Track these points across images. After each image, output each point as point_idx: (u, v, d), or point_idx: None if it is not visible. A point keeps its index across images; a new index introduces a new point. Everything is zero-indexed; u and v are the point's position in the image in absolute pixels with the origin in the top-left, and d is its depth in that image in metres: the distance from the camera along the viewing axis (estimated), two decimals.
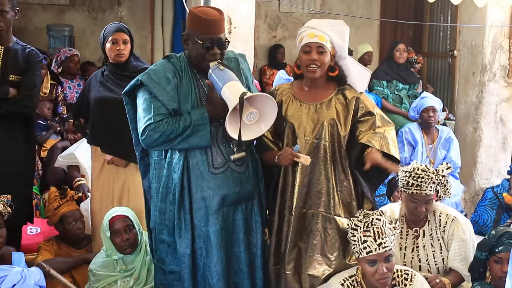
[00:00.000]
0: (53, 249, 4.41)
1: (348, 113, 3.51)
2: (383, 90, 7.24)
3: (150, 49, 9.01)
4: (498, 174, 6.41)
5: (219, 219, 3.43)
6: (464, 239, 3.80)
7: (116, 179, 4.51)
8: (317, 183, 3.50)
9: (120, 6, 9.34)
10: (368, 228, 3.21)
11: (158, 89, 3.36)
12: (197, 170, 3.39)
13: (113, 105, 4.31)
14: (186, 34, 3.43)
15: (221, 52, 3.41)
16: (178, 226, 3.45)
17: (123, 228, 4.04)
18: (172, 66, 3.44)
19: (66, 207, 4.50)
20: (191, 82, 3.43)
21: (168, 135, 3.31)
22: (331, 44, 3.46)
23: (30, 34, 8.91)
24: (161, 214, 3.51)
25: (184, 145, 3.36)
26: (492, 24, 6.20)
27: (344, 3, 9.91)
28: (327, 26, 3.48)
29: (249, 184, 3.50)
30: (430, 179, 3.75)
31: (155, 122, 3.32)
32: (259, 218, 3.57)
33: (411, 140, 6.14)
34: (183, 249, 3.45)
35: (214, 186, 3.39)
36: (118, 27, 4.43)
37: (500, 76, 6.35)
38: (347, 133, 3.51)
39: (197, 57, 3.41)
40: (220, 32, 3.38)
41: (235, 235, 3.51)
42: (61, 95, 7.01)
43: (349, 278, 3.34)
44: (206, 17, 3.34)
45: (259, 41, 9.41)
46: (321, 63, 3.45)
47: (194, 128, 3.31)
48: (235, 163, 3.44)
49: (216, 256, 3.43)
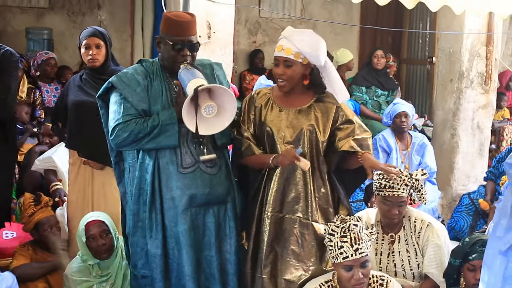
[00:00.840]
0: (29, 254, 4.37)
1: (327, 120, 3.53)
2: (362, 96, 7.27)
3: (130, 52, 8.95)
4: (475, 180, 6.45)
5: (187, 219, 3.44)
6: (439, 245, 3.83)
7: (93, 183, 4.48)
8: (295, 188, 3.51)
9: (100, 9, 9.31)
10: (345, 234, 3.22)
11: (128, 91, 3.42)
12: (166, 170, 3.43)
13: (91, 109, 4.28)
14: (159, 37, 3.51)
15: (192, 54, 3.47)
16: (149, 227, 3.47)
17: (99, 233, 4.02)
18: (143, 69, 3.52)
19: (41, 214, 4.45)
20: (162, 85, 3.49)
21: (136, 134, 3.36)
22: (301, 54, 3.44)
23: (9, 37, 8.83)
24: (135, 216, 3.53)
25: (152, 145, 3.40)
26: (470, 32, 6.26)
27: (324, 9, 9.94)
28: (296, 37, 3.45)
29: (221, 187, 3.51)
30: (402, 181, 3.78)
31: (124, 122, 3.37)
32: (233, 223, 3.57)
33: (385, 147, 6.18)
34: (154, 250, 3.48)
35: (182, 185, 3.42)
36: (91, 31, 4.40)
37: (477, 83, 6.40)
38: (325, 140, 3.53)
39: (168, 59, 3.48)
40: (191, 34, 3.46)
41: (207, 239, 3.52)
42: (39, 98, 6.95)
43: (325, 284, 3.35)
44: (177, 19, 3.43)
45: (239, 46, 9.41)
46: (288, 77, 3.47)
47: (162, 127, 3.36)
48: (206, 164, 3.46)
49: (185, 256, 3.45)
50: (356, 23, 9.94)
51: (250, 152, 3.57)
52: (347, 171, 3.59)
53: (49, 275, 4.27)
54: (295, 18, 9.63)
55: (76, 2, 9.25)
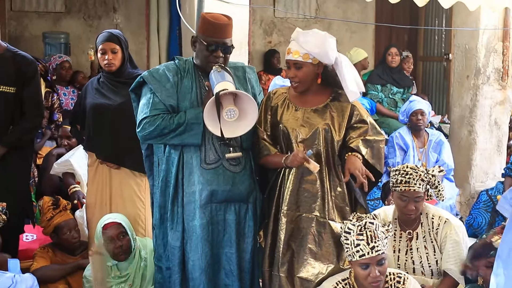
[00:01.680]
0: (49, 256, 4.42)
1: (343, 119, 3.54)
2: (378, 94, 7.26)
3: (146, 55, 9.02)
4: (493, 176, 6.41)
5: (206, 214, 3.52)
6: (457, 241, 3.81)
7: (110, 184, 4.51)
8: (312, 187, 3.51)
9: (116, 13, 9.37)
10: (361, 232, 3.22)
11: (158, 86, 3.53)
12: (190, 164, 3.53)
13: (108, 112, 4.35)
14: (194, 36, 3.60)
15: (225, 56, 3.54)
16: (171, 219, 3.57)
17: (116, 235, 4.05)
18: (175, 67, 3.61)
19: (60, 218, 4.48)
20: (192, 82, 3.57)
21: (161, 129, 3.46)
22: (310, 55, 3.44)
23: (26, 42, 8.93)
24: (161, 208, 3.64)
25: (177, 141, 3.50)
26: (486, 28, 6.23)
27: (339, 8, 9.93)
28: (302, 38, 3.47)
29: (243, 185, 3.56)
30: (418, 176, 3.78)
31: (151, 116, 3.49)
32: (252, 223, 3.62)
33: (402, 145, 6.16)
34: (174, 242, 3.57)
35: (203, 181, 3.50)
36: (106, 36, 4.41)
37: (494, 79, 6.37)
38: (341, 139, 3.54)
39: (202, 59, 3.56)
40: (226, 37, 3.53)
41: (227, 236, 3.58)
42: (57, 102, 7.00)
43: (342, 282, 3.35)
44: (213, 21, 3.50)
45: (254, 46, 9.43)
46: (300, 79, 3.50)
47: (187, 126, 3.46)
48: (229, 162, 3.53)
49: (200, 250, 3.51)
50: (371, 21, 9.91)
51: (266, 152, 3.59)
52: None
53: (69, 277, 4.31)
54: (310, 17, 9.63)
55: (92, 6, 9.32)
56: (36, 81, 4.45)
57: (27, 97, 4.38)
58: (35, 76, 4.43)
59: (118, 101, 4.35)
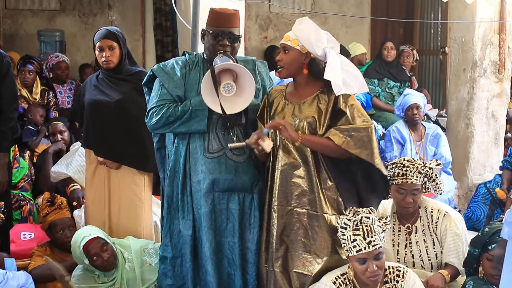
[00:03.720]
0: (46, 254, 4.37)
1: (327, 112, 3.50)
2: (375, 89, 7.24)
3: (142, 52, 9.03)
4: (491, 169, 6.41)
5: (209, 202, 3.58)
6: (458, 234, 3.82)
7: (109, 183, 4.49)
8: (301, 181, 3.50)
9: (111, 10, 9.35)
10: (357, 227, 3.22)
11: (166, 78, 3.63)
12: (195, 154, 3.60)
13: (107, 109, 4.34)
14: (203, 29, 3.68)
15: (232, 45, 3.61)
16: (181, 208, 3.65)
17: (99, 249, 3.92)
18: (184, 60, 3.72)
19: (54, 215, 4.47)
20: (200, 74, 3.64)
21: (167, 117, 3.54)
22: (299, 42, 3.47)
23: (21, 40, 8.93)
24: (169, 198, 3.71)
25: (183, 129, 3.58)
26: (482, 20, 6.21)
27: (334, 2, 9.92)
28: (296, 25, 3.52)
29: (246, 175, 3.60)
30: (415, 168, 3.79)
31: (158, 106, 3.59)
32: (258, 213, 3.64)
33: (399, 138, 6.15)
34: (186, 230, 3.64)
35: (206, 169, 3.56)
36: (103, 33, 4.39)
37: (491, 71, 6.36)
38: (323, 132, 3.48)
39: (209, 49, 3.64)
40: (232, 26, 3.62)
41: (230, 225, 3.62)
42: (53, 100, 6.99)
43: (341, 276, 3.35)
44: (220, 11, 3.62)
45: (250, 42, 9.42)
46: (284, 63, 3.52)
47: (192, 112, 3.53)
48: (233, 151, 3.58)
49: (204, 238, 3.58)
50: (366, 15, 9.91)
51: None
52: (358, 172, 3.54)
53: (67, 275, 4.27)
54: (305, 12, 9.61)
55: (87, 3, 9.30)
56: (11, 75, 4.41)
57: (4, 92, 4.33)
58: (9, 71, 4.38)
59: (116, 97, 4.34)
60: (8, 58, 4.42)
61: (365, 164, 3.47)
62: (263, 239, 3.59)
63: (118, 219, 4.46)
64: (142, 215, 4.45)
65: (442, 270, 3.77)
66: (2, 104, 4.32)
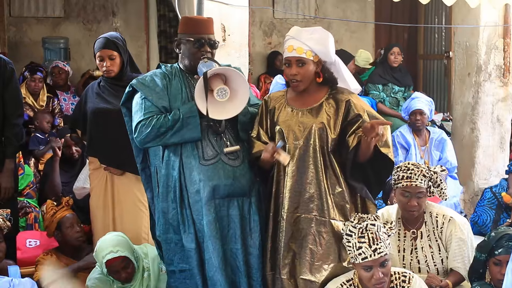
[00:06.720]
0: (52, 261, 4.38)
1: (338, 117, 3.49)
2: (379, 94, 7.23)
3: (146, 58, 9.03)
4: (497, 174, 6.38)
5: (211, 210, 3.49)
6: (463, 239, 3.81)
7: (113, 189, 4.50)
8: (309, 187, 3.48)
9: (115, 16, 9.36)
10: (363, 234, 3.20)
11: (148, 91, 3.54)
12: (189, 164, 3.51)
13: (110, 116, 4.33)
14: (178, 38, 3.62)
15: (211, 51, 3.59)
16: (182, 222, 3.55)
17: (121, 268, 3.95)
18: (162, 71, 3.65)
19: (62, 213, 4.48)
20: (181, 83, 3.60)
21: (158, 128, 3.44)
22: (313, 52, 3.45)
23: (26, 47, 8.94)
24: (164, 214, 3.60)
25: (176, 139, 3.48)
26: (486, 24, 6.21)
27: (338, 7, 9.92)
28: (305, 35, 3.46)
29: (244, 178, 3.55)
30: (420, 172, 3.79)
31: (146, 119, 3.48)
32: (257, 217, 3.59)
33: (403, 143, 6.15)
34: (189, 244, 3.55)
35: (204, 177, 3.48)
36: (103, 43, 4.38)
37: (496, 76, 6.34)
38: (336, 137, 3.48)
39: (189, 57, 3.59)
40: (210, 32, 3.61)
41: (232, 231, 3.56)
42: (58, 107, 7.01)
43: (346, 283, 3.34)
44: (197, 18, 3.66)
45: (254, 48, 9.41)
46: (302, 77, 3.47)
47: (183, 121, 3.44)
48: (228, 156, 3.53)
49: (211, 247, 3.48)
50: (370, 20, 9.91)
51: (251, 149, 3.58)
52: (368, 167, 3.53)
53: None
54: (309, 17, 9.62)
55: (91, 10, 9.31)
56: (15, 81, 4.43)
57: (8, 98, 4.36)
58: (12, 77, 4.40)
59: (119, 105, 4.33)
60: (12, 65, 4.44)
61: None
62: (268, 246, 3.56)
63: (122, 224, 4.46)
64: (146, 221, 4.44)
65: (445, 280, 3.76)
66: (6, 110, 4.35)
